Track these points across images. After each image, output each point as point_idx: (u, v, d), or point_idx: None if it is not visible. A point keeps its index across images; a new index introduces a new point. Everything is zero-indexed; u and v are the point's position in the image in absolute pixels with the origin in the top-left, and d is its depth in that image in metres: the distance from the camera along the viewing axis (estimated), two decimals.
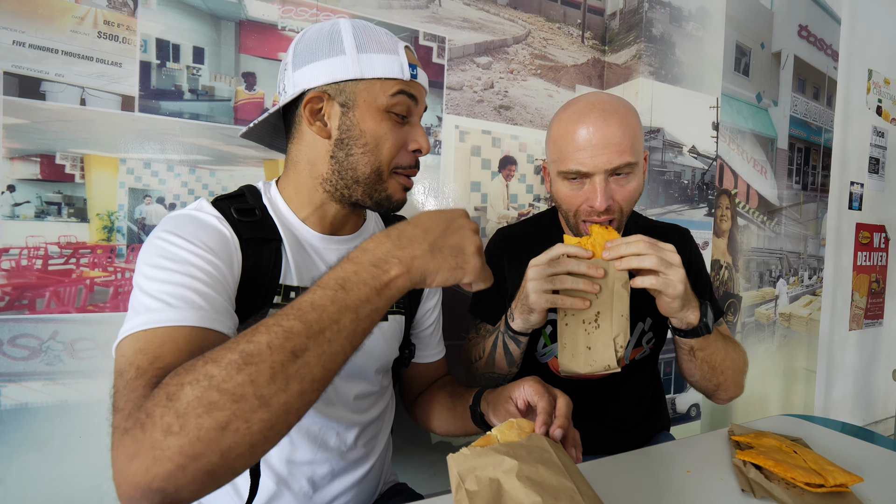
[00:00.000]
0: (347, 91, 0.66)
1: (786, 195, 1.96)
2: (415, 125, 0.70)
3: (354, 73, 0.65)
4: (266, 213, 0.69)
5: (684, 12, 1.49)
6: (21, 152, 0.86)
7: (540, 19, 1.41)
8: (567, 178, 0.82)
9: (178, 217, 0.61)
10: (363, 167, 0.67)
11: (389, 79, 0.66)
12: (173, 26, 0.96)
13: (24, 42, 0.85)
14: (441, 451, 1.27)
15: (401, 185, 0.70)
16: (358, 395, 0.75)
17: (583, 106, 0.80)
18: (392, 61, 0.66)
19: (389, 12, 1.18)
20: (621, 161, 0.77)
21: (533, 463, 0.47)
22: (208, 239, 0.58)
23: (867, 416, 2.50)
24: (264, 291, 0.64)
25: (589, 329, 0.73)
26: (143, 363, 0.44)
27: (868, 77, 2.38)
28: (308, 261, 0.71)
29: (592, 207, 0.79)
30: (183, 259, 0.54)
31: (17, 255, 0.86)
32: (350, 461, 0.75)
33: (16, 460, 0.86)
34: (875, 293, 2.52)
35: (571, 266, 0.72)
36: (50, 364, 0.88)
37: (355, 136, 0.66)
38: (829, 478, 0.64)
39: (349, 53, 0.65)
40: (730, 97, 1.69)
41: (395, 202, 0.70)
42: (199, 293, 0.52)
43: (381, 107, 0.66)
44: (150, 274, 0.53)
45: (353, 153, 0.66)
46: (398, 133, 0.68)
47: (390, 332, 0.78)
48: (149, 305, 0.50)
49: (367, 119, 0.66)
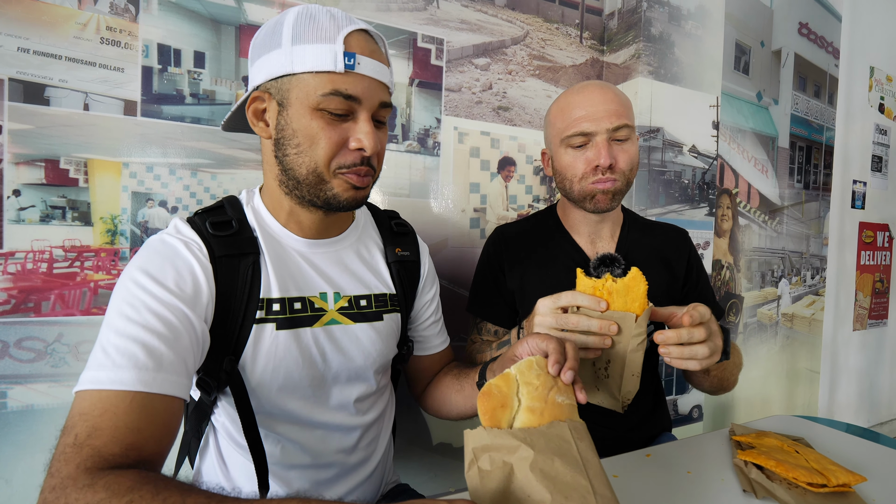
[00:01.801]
0: (283, 88, 0.62)
1: (787, 194, 1.95)
2: (359, 121, 0.63)
3: (287, 68, 0.60)
4: (245, 225, 0.67)
5: (683, 11, 1.49)
6: (26, 157, 0.87)
7: (538, 20, 1.41)
8: (571, 144, 0.87)
9: (150, 248, 0.61)
10: (299, 168, 0.63)
11: (322, 72, 0.60)
12: (174, 31, 0.97)
13: (29, 48, 0.86)
14: (442, 452, 1.27)
15: (348, 184, 0.64)
16: (359, 397, 0.75)
17: (581, 84, 0.91)
18: (325, 52, 0.59)
19: (388, 15, 1.19)
20: (620, 122, 0.84)
21: (550, 455, 0.46)
22: (174, 276, 0.58)
23: (872, 418, 2.49)
24: (244, 307, 0.64)
25: (599, 373, 0.71)
26: (81, 433, 0.48)
27: (870, 74, 2.37)
28: (294, 269, 0.69)
29: (597, 167, 0.85)
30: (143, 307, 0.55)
31: (23, 258, 0.87)
32: (352, 464, 0.75)
33: (22, 461, 0.87)
34: (879, 293, 2.51)
35: (581, 324, 0.66)
36: (55, 366, 0.89)
37: (288, 135, 0.62)
38: (832, 478, 0.64)
39: (284, 46, 0.61)
40: (730, 96, 1.68)
41: (344, 202, 0.65)
42: (148, 350, 0.52)
43: (313, 105, 0.60)
44: (110, 320, 0.55)
45: (289, 154, 0.63)
46: (334, 131, 0.62)
47: (387, 332, 0.77)
48: (99, 361, 0.52)
49: (298, 117, 0.61)
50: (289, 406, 0.69)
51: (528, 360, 0.55)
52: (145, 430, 0.50)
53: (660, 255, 0.96)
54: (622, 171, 0.87)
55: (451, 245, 1.28)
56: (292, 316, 0.67)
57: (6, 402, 0.86)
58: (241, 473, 0.70)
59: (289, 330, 0.67)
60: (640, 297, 0.66)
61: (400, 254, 0.80)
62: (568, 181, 0.90)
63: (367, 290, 0.75)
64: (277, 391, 0.67)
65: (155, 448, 0.51)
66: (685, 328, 0.64)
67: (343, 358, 0.71)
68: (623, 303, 0.66)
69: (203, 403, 0.69)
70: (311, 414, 0.71)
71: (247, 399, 0.66)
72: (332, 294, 0.71)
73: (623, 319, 0.65)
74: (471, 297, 1.01)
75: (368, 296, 0.75)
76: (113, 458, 0.47)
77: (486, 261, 1.01)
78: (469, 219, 1.31)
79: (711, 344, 0.65)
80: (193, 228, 0.64)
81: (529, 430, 0.48)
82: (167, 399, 0.53)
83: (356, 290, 0.74)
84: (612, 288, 0.66)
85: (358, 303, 0.74)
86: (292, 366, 0.67)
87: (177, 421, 0.55)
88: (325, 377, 0.71)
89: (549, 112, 0.94)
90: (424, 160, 1.24)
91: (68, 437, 0.48)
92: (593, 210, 0.89)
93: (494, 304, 0.96)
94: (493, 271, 0.98)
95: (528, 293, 0.93)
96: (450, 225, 1.29)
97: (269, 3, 1.05)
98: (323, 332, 0.70)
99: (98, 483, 0.44)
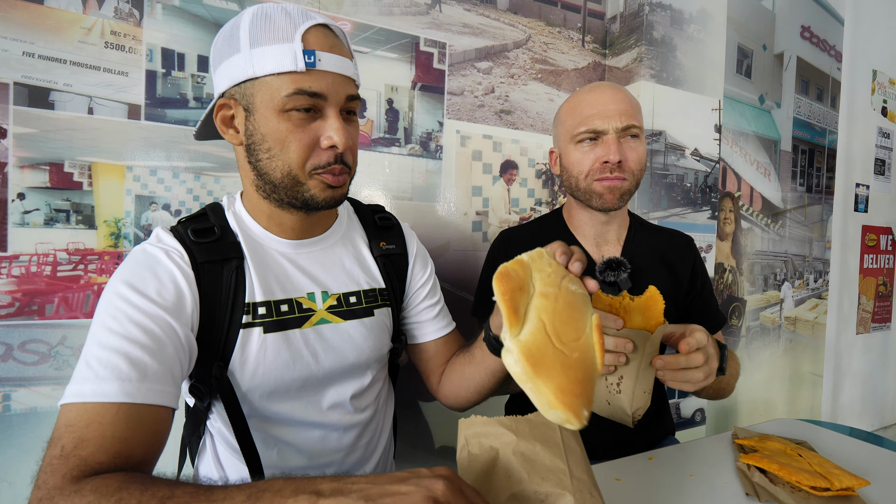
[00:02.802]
0: (247, 93, 0.61)
1: (790, 197, 1.95)
2: (328, 117, 0.62)
3: (248, 73, 0.60)
4: (227, 230, 0.67)
5: (685, 15, 1.50)
6: (31, 161, 0.87)
7: (540, 24, 1.42)
8: (581, 141, 0.89)
9: (132, 259, 0.62)
10: (273, 172, 0.62)
11: (283, 73, 0.59)
12: (178, 36, 0.97)
13: (34, 53, 0.87)
14: (444, 455, 1.27)
15: (324, 184, 0.64)
16: (354, 393, 0.74)
17: (592, 84, 0.93)
18: (284, 52, 0.58)
19: (391, 19, 1.19)
20: (631, 121, 0.86)
21: (531, 441, 0.49)
22: (156, 285, 0.58)
23: (876, 421, 2.48)
24: (230, 312, 0.64)
25: (610, 388, 0.71)
26: (68, 444, 0.48)
27: (872, 78, 2.37)
28: (279, 271, 0.69)
29: (606, 163, 0.86)
30: (126, 318, 0.55)
31: (27, 261, 0.87)
32: (351, 463, 0.75)
33: (25, 463, 0.87)
34: (882, 296, 2.50)
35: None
36: (59, 369, 0.90)
37: (258, 140, 0.62)
38: (835, 481, 0.64)
39: (243, 50, 0.60)
40: (732, 99, 1.68)
41: (322, 201, 0.64)
42: (131, 361, 0.53)
43: (279, 107, 0.60)
44: (94, 333, 0.55)
45: (261, 159, 0.62)
46: (304, 132, 0.61)
47: (379, 327, 0.76)
48: (84, 374, 0.52)
49: (265, 122, 0.60)
50: (282, 408, 0.69)
51: (538, 250, 0.55)
52: (132, 439, 0.50)
53: (665, 259, 0.96)
54: (631, 171, 0.87)
55: (453, 248, 1.29)
56: (280, 318, 0.67)
57: (10, 404, 0.87)
58: (237, 478, 0.69)
59: (277, 333, 0.66)
60: (657, 315, 0.66)
61: (385, 247, 0.79)
62: (575, 178, 0.90)
63: (356, 287, 0.75)
64: (269, 394, 0.67)
65: (143, 456, 0.51)
66: (682, 356, 0.64)
67: (336, 356, 0.71)
68: (640, 321, 0.66)
69: (198, 409, 0.69)
70: (307, 415, 0.70)
71: (237, 404, 0.66)
72: (320, 293, 0.71)
73: (638, 337, 0.65)
74: (476, 301, 1.01)
75: (358, 292, 0.75)
76: (100, 467, 0.47)
77: (491, 264, 1.00)
78: (471, 222, 1.32)
79: (707, 368, 0.66)
80: (175, 237, 0.64)
81: (517, 419, 0.51)
82: (153, 409, 0.53)
83: (345, 287, 0.74)
84: (630, 306, 0.66)
85: (347, 300, 0.73)
86: (283, 368, 0.67)
87: (165, 428, 0.55)
88: (318, 377, 0.70)
89: (559, 110, 0.95)
90: (427, 163, 1.25)
91: (55, 449, 0.48)
92: (600, 207, 0.89)
93: None
94: None
95: None
96: (452, 228, 1.29)
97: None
98: (313, 332, 0.70)
99: (85, 488, 0.44)
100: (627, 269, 0.87)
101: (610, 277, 0.86)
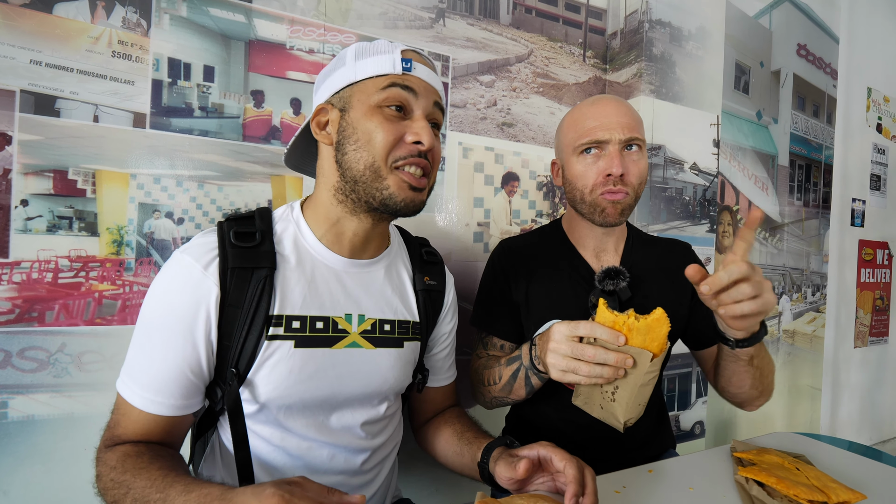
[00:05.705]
0: (345, 96, 0.68)
1: (787, 211, 1.97)
2: (416, 118, 0.67)
3: (350, 79, 0.67)
4: (267, 238, 0.68)
5: (684, 32, 1.52)
6: (35, 168, 0.88)
7: (542, 39, 1.44)
8: (584, 153, 0.89)
9: (167, 269, 0.64)
10: (356, 164, 0.66)
11: (380, 76, 0.66)
12: (185, 46, 0.99)
13: (41, 61, 0.88)
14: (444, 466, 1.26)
15: (405, 183, 0.66)
16: (366, 421, 0.73)
17: (595, 97, 0.94)
18: (384, 60, 0.66)
19: (395, 32, 1.21)
20: (633, 135, 0.87)
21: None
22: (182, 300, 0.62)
23: (874, 436, 2.47)
24: (250, 320, 0.63)
25: (605, 396, 0.71)
26: (111, 422, 0.64)
27: (867, 95, 2.40)
28: (323, 287, 0.69)
29: (609, 176, 0.86)
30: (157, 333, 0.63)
31: (29, 268, 0.88)
32: (356, 485, 0.75)
33: (21, 472, 0.86)
34: (879, 310, 2.51)
35: (598, 356, 0.66)
36: (57, 376, 0.89)
37: (349, 134, 0.66)
38: (832, 495, 0.64)
39: (348, 64, 0.68)
40: (730, 115, 1.71)
41: (400, 202, 0.66)
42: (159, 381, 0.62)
43: (374, 103, 0.66)
44: (136, 339, 0.64)
45: (348, 151, 0.66)
46: (392, 126, 0.65)
47: (406, 359, 0.76)
48: (131, 373, 0.63)
49: (359, 117, 0.66)
50: (297, 424, 0.68)
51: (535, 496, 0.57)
52: (154, 434, 0.63)
53: (664, 268, 0.96)
54: (632, 185, 0.87)
55: (454, 259, 1.29)
56: (312, 335, 0.67)
57: (7, 412, 0.86)
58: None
59: (307, 349, 0.66)
60: (661, 338, 0.66)
61: (428, 283, 0.81)
62: (578, 191, 0.90)
63: (392, 316, 0.75)
64: (287, 408, 0.67)
65: (162, 441, 0.64)
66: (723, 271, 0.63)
67: (360, 382, 0.71)
68: (642, 341, 0.65)
69: (210, 413, 0.70)
70: (320, 433, 0.70)
71: (241, 415, 0.66)
72: (357, 316, 0.71)
73: (639, 355, 0.65)
74: (475, 311, 1.01)
75: (393, 321, 0.75)
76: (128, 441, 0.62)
77: (491, 274, 1.00)
78: (473, 233, 1.32)
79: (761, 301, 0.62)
80: (218, 235, 0.65)
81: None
82: (172, 420, 0.63)
83: (381, 314, 0.74)
84: (634, 325, 0.65)
85: (382, 327, 0.74)
86: (306, 385, 0.66)
87: (187, 423, 0.67)
88: (338, 399, 0.70)
89: (562, 122, 0.96)
90: None
91: (110, 418, 0.64)
92: (602, 223, 0.89)
93: (500, 318, 0.95)
94: (499, 284, 0.97)
95: (533, 306, 0.93)
96: (453, 239, 1.29)
97: (278, 19, 1.07)
98: (343, 353, 0.69)
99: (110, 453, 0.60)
100: (626, 278, 0.88)
101: (609, 286, 0.87)
